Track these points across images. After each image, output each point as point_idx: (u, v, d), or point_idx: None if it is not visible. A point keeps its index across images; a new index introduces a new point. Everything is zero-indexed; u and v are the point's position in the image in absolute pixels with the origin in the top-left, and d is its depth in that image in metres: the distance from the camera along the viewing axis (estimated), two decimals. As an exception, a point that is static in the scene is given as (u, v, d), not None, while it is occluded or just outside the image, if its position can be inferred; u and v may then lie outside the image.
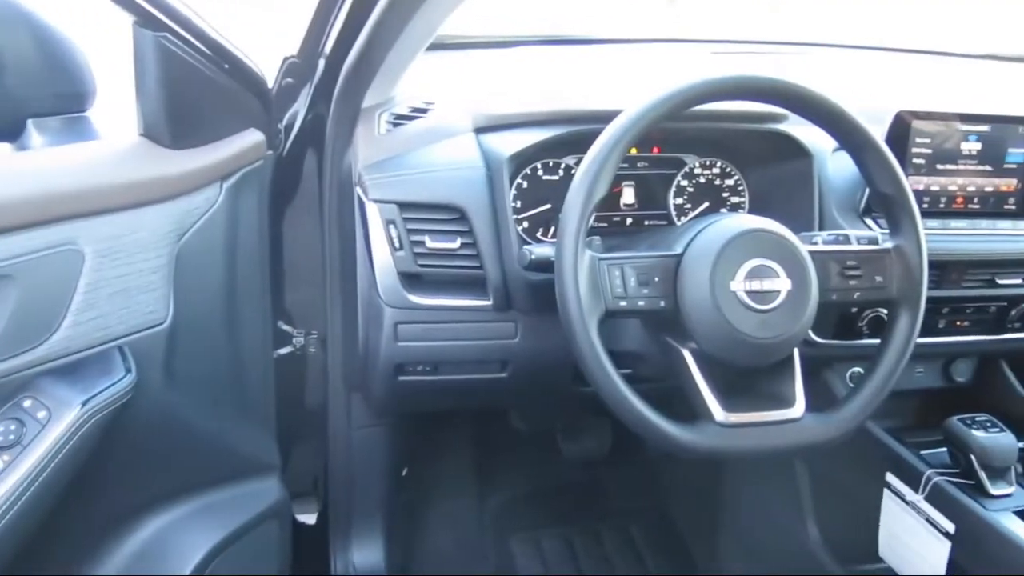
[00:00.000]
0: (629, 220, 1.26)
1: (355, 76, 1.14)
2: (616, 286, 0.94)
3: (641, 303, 0.94)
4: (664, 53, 1.67)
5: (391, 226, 1.10)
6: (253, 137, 1.13)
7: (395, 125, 1.21)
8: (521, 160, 1.17)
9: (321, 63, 1.24)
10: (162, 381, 1.05)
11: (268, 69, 1.29)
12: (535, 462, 1.88)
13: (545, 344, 1.14)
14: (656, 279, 0.95)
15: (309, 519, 1.62)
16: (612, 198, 1.24)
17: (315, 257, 1.35)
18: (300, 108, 1.32)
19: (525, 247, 1.03)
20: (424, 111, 1.24)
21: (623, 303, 0.94)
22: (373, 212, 1.10)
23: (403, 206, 1.10)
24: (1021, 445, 1.20)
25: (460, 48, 1.52)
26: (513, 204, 1.18)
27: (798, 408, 0.98)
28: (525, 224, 1.21)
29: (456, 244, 1.11)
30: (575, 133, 1.14)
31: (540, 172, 1.21)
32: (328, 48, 1.21)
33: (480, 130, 1.19)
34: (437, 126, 1.21)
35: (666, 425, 0.93)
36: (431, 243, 1.10)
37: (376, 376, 1.17)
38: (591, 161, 0.94)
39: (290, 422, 1.46)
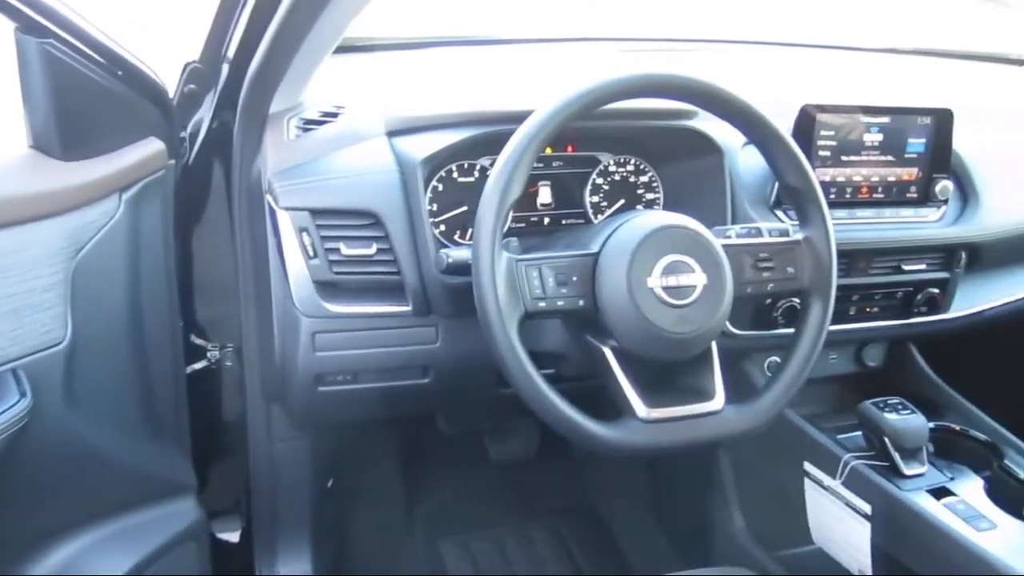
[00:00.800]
0: (546, 219, 1.26)
1: (261, 81, 1.11)
2: (534, 287, 0.93)
3: (560, 303, 0.94)
4: (577, 52, 1.68)
5: (304, 234, 1.07)
6: (153, 146, 1.08)
7: (305, 130, 1.18)
8: (435, 163, 1.16)
9: (225, 68, 1.20)
10: (62, 404, 1.00)
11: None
12: (463, 465, 1.86)
13: (467, 348, 1.13)
14: (574, 278, 0.95)
15: (232, 537, 1.57)
16: (528, 198, 1.24)
17: (227, 268, 1.31)
18: (205, 115, 1.27)
19: (442, 251, 1.01)
20: (335, 115, 1.21)
21: (542, 304, 0.93)
22: (285, 220, 1.07)
23: (316, 213, 1.07)
24: (931, 425, 1.25)
25: (370, 50, 1.50)
26: (429, 207, 1.17)
27: (718, 400, 0.99)
28: (442, 227, 1.19)
29: (372, 250, 1.09)
30: (489, 134, 1.13)
31: (455, 174, 1.19)
32: (231, 53, 1.17)
33: (393, 133, 1.16)
34: (348, 130, 1.18)
35: (589, 424, 0.93)
36: (346, 250, 1.08)
37: (295, 388, 1.14)
38: (504, 162, 0.93)
39: (208, 439, 1.41)
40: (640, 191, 1.29)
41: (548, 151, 1.24)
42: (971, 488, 1.17)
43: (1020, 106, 1.73)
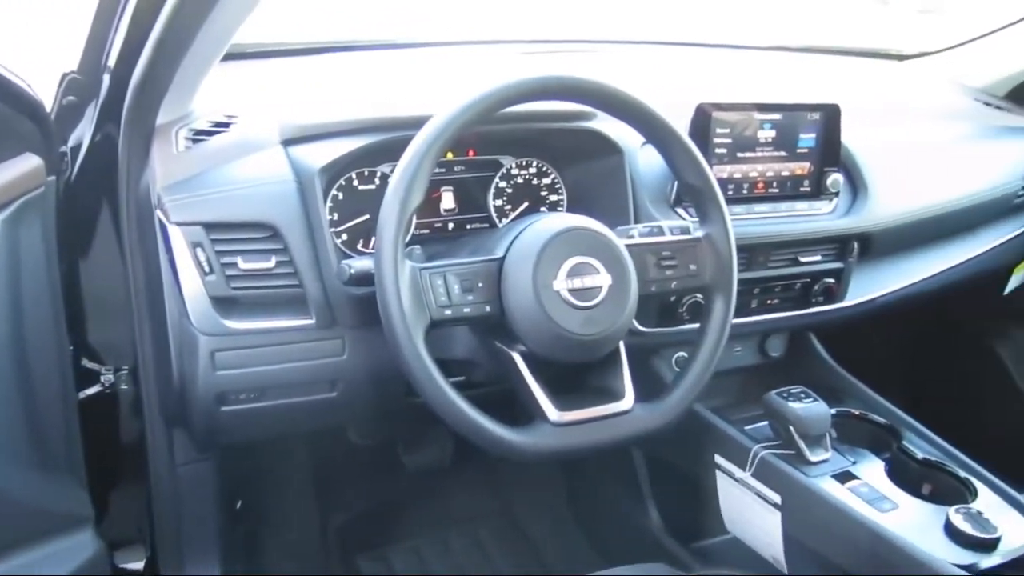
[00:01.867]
0: (451, 225, 1.24)
1: (145, 91, 1.06)
2: (440, 295, 0.92)
3: (466, 310, 0.93)
4: (475, 55, 1.67)
5: (198, 249, 1.03)
6: (29, 163, 1.02)
7: (195, 142, 1.13)
8: (334, 171, 1.13)
9: (106, 79, 1.15)
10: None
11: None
12: (377, 477, 1.83)
13: (374, 358, 1.10)
14: (480, 284, 0.94)
15: (136, 567, 1.50)
16: (431, 204, 1.22)
17: (119, 288, 1.25)
18: (86, 128, 1.21)
19: (344, 262, 0.99)
20: (226, 125, 1.17)
21: (448, 312, 0.92)
22: (177, 236, 1.03)
23: (209, 227, 1.03)
24: (833, 412, 1.28)
25: (262, 57, 1.46)
26: (329, 217, 1.14)
27: (628, 400, 1.00)
28: (344, 236, 1.17)
29: (271, 263, 1.05)
30: (388, 141, 1.11)
31: (355, 182, 1.17)
32: (112, 62, 1.11)
33: (288, 142, 1.13)
34: (241, 140, 1.14)
35: (500, 430, 0.92)
36: (244, 264, 1.04)
37: (196, 409, 1.10)
38: (403, 169, 0.91)
39: (105, 467, 1.34)
40: (543, 193, 1.29)
41: (449, 156, 1.23)
42: (873, 471, 1.21)
43: (901, 100, 1.81)
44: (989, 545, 1.04)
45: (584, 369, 1.01)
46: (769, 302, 1.36)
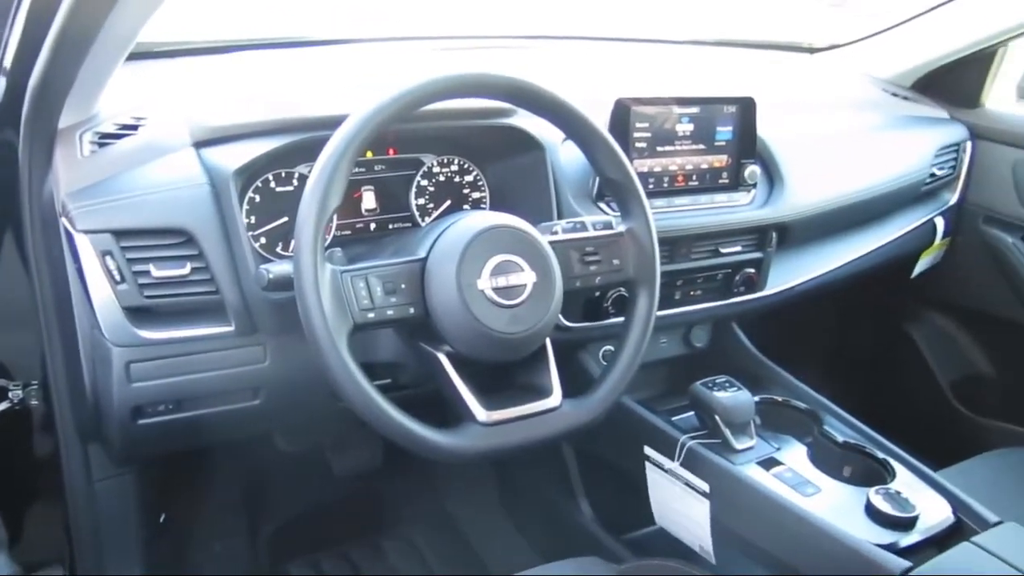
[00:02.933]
0: (373, 225, 1.22)
1: (45, 94, 1.01)
2: (362, 298, 0.90)
3: (390, 312, 0.92)
4: (393, 52, 1.65)
5: (108, 258, 0.99)
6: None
7: (101, 145, 1.09)
8: (250, 173, 1.10)
9: (1, 81, 1.09)
10: None
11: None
12: (306, 483, 1.80)
13: (298, 364, 1.08)
14: (403, 286, 0.93)
15: (56, 588, 1.45)
16: (352, 204, 1.20)
17: (25, 299, 1.19)
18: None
19: (262, 267, 0.96)
20: (134, 128, 1.12)
21: (371, 315, 0.90)
22: (84, 244, 0.99)
23: (119, 234, 0.99)
24: (757, 399, 1.31)
25: (170, 56, 1.40)
26: (246, 220, 1.11)
27: (556, 397, 1.00)
28: (263, 240, 1.14)
29: (186, 270, 1.02)
30: (305, 141, 1.09)
31: (273, 184, 1.14)
32: (7, 63, 1.06)
33: (200, 144, 1.09)
34: (151, 143, 1.10)
35: (428, 433, 0.91)
36: (157, 272, 1.00)
37: (111, 423, 1.06)
38: (320, 170, 0.89)
39: (18, 487, 1.29)
40: (466, 191, 1.28)
41: (369, 155, 1.21)
42: (796, 455, 1.24)
43: (813, 92, 1.86)
44: (908, 524, 1.08)
45: (511, 367, 1.01)
46: (692, 293, 1.38)
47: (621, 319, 1.10)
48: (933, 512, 1.12)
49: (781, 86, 1.83)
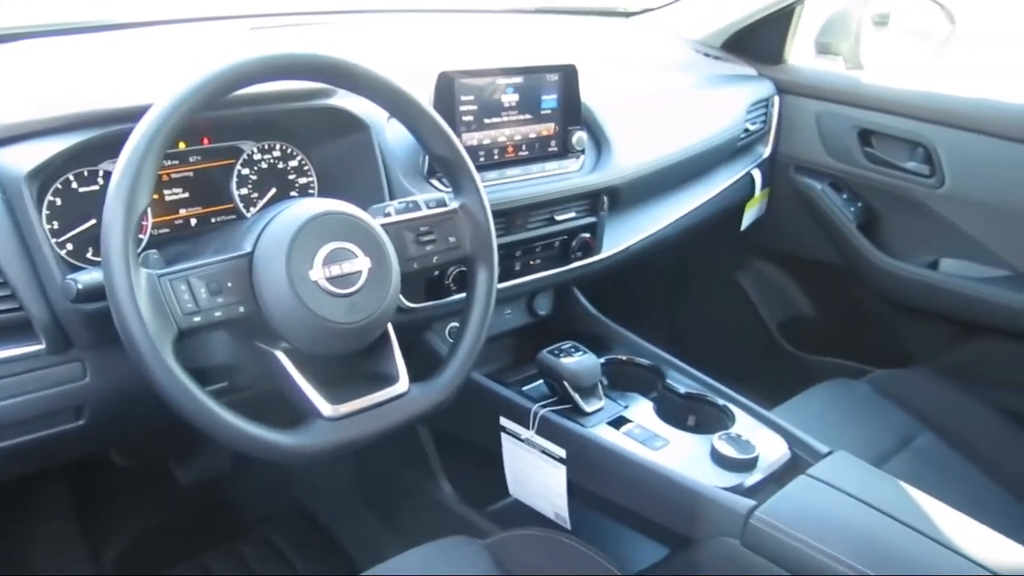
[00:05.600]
0: (194, 221, 1.15)
1: None
2: (185, 302, 0.84)
3: (218, 314, 0.86)
4: (201, 32, 1.55)
5: None
6: None
7: None
8: (47, 174, 1.00)
9: None
10: None
11: None
12: (151, 496, 1.69)
13: (123, 377, 0.99)
14: (229, 284, 0.87)
15: None
16: (167, 200, 1.12)
17: None
18: None
19: (69, 277, 0.88)
20: (-98, 130, 1.00)
21: (197, 318, 0.85)
22: None
23: None
24: (602, 361, 1.34)
25: (-59, 49, 1.26)
26: (48, 226, 1.01)
27: (403, 383, 0.98)
28: (69, 247, 1.04)
29: None
30: (106, 135, 0.99)
31: (75, 184, 1.04)
32: None
33: (-17, 146, 0.99)
34: (-76, 147, 0.98)
35: (271, 436, 0.87)
36: None
37: None
38: (123, 168, 0.82)
39: None
40: (292, 177, 1.22)
41: (182, 146, 1.13)
42: (643, 411, 1.28)
43: (631, 55, 1.90)
44: (749, 464, 1.13)
45: (354, 357, 0.97)
46: (532, 263, 1.39)
47: (464, 295, 1.09)
48: (771, 450, 1.18)
49: (600, 51, 1.86)
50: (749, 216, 1.96)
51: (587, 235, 1.44)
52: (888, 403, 1.59)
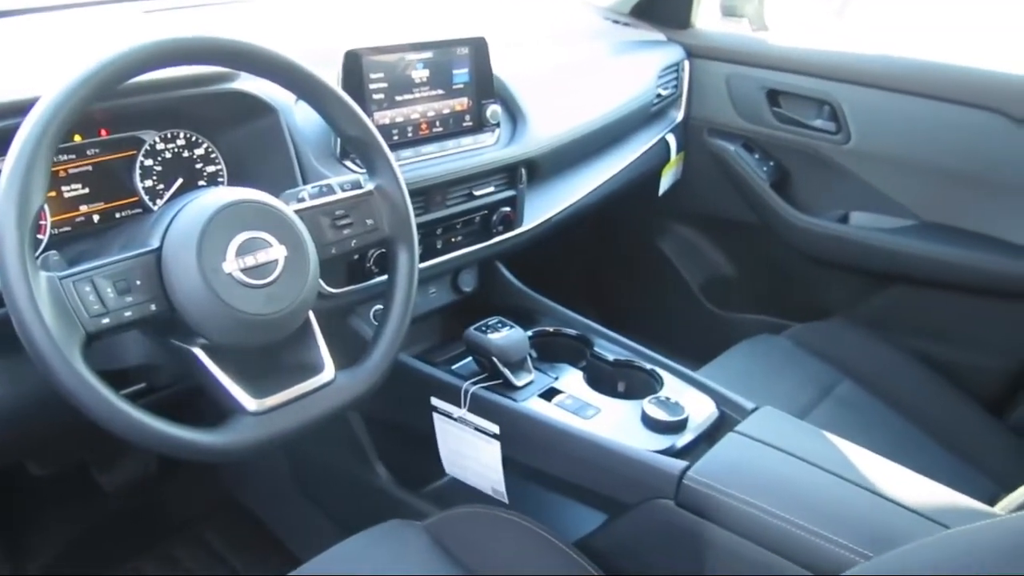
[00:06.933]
0: (96, 217, 1.09)
1: None
2: (91, 303, 0.80)
3: (128, 314, 0.83)
4: (88, 18, 1.47)
5: None
6: None
7: None
8: None
9: None
10: None
11: None
12: (74, 505, 1.64)
13: (31, 383, 0.95)
14: (138, 282, 0.84)
15: None
16: (67, 197, 1.06)
17: None
18: None
19: None
20: None
21: (106, 320, 0.81)
22: None
23: None
24: (530, 334, 1.34)
25: None
26: None
27: (328, 371, 0.96)
28: None
29: None
30: None
31: None
32: None
33: None
34: None
35: (193, 435, 0.84)
36: None
37: None
38: (13, 166, 0.78)
39: None
40: (199, 166, 1.18)
41: (77, 139, 1.07)
42: (573, 381, 1.28)
43: (541, 25, 1.89)
44: (679, 426, 1.15)
45: (276, 349, 0.95)
46: (453, 240, 1.38)
47: (386, 277, 1.07)
48: (700, 410, 1.20)
49: (509, 23, 1.85)
50: (666, 181, 1.98)
51: (507, 209, 1.43)
52: (808, 355, 1.64)
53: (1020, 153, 1.62)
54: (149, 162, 1.13)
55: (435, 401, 1.28)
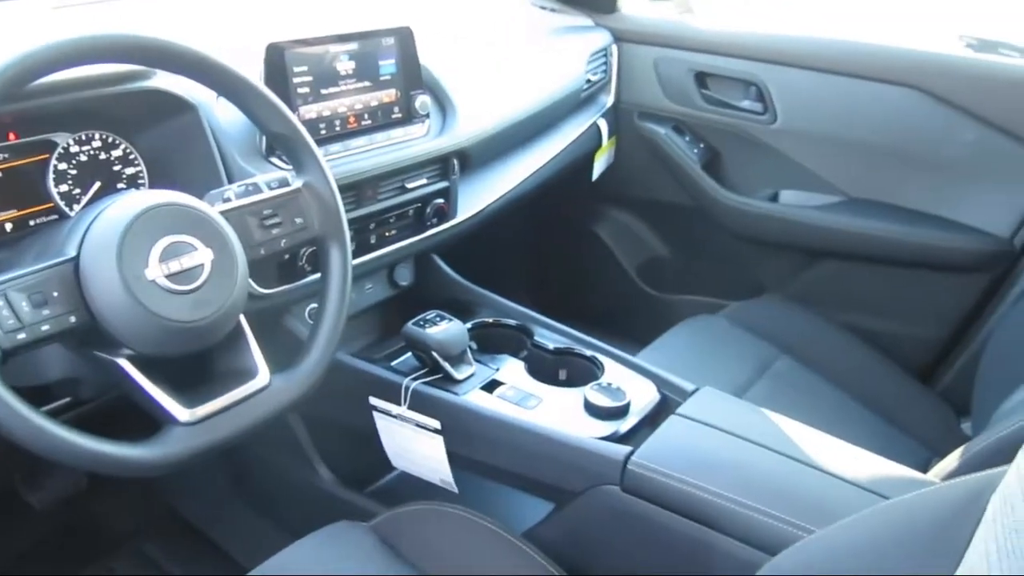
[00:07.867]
0: (9, 226, 1.04)
1: None
2: (5, 318, 0.76)
3: (46, 327, 0.79)
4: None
5: None
6: None
7: None
8: None
9: None
10: None
11: None
12: (5, 525, 1.57)
13: None
14: (55, 294, 0.80)
15: None
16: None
17: None
18: None
19: None
20: None
21: (22, 336, 0.77)
22: None
23: None
24: (469, 326, 1.33)
25: None
26: None
27: (263, 375, 0.93)
28: None
29: None
30: None
31: None
32: None
33: None
34: None
35: (120, 450, 0.81)
36: None
37: None
38: None
39: None
40: (117, 168, 1.13)
41: None
42: (514, 372, 1.27)
43: (468, 14, 1.87)
44: (622, 411, 1.16)
45: (207, 355, 0.92)
46: (387, 234, 1.35)
47: (320, 275, 1.05)
48: (641, 395, 1.21)
49: (436, 12, 1.82)
50: (599, 166, 1.98)
51: (440, 201, 1.41)
52: (745, 333, 1.66)
53: (939, 128, 1.66)
54: (63, 166, 1.08)
55: (373, 400, 1.26)
